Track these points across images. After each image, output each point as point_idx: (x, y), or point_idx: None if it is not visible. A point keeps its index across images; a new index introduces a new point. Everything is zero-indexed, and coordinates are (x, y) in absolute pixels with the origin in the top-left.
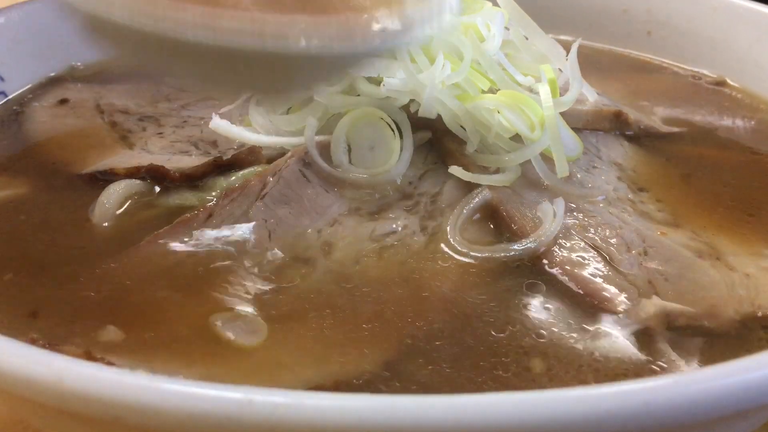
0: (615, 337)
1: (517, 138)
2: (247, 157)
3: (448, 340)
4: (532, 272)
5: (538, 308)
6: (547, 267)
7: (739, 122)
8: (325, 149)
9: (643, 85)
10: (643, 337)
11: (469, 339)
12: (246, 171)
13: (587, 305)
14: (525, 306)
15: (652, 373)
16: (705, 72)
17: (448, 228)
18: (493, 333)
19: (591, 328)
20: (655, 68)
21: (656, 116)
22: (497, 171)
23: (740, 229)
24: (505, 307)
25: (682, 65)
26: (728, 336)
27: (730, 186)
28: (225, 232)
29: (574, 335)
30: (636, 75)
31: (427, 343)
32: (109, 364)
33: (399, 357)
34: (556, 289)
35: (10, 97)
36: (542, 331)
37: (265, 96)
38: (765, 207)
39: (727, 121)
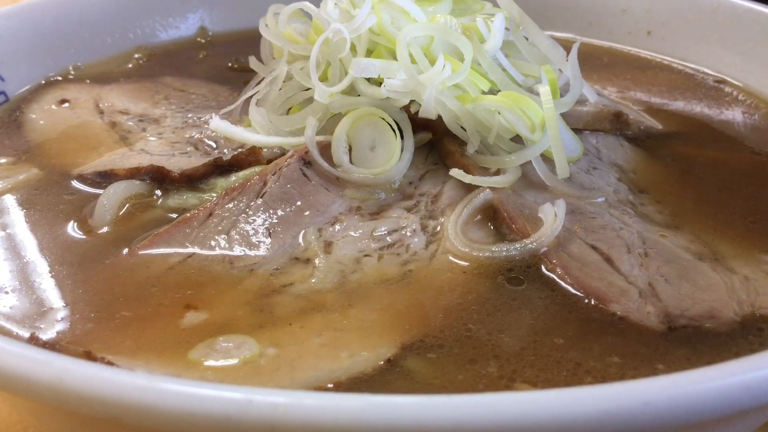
0: (615, 337)
1: (517, 139)
2: (247, 157)
3: (448, 340)
4: (533, 273)
5: (539, 308)
6: (547, 267)
7: (739, 122)
8: (325, 149)
9: (644, 83)
10: (644, 338)
11: (469, 338)
12: (246, 171)
13: (588, 305)
14: (525, 306)
15: (652, 373)
16: (705, 71)
17: (449, 228)
18: (493, 332)
19: (591, 329)
20: (655, 67)
21: (656, 116)
22: (498, 172)
23: (740, 232)
24: (505, 307)
25: (682, 64)
26: (728, 337)
27: (729, 188)
28: (225, 231)
29: (574, 335)
30: (636, 73)
31: (428, 343)
32: (109, 364)
33: (399, 357)
34: (556, 289)
35: (10, 97)
36: (542, 330)
37: None
38: (765, 210)
39: (727, 121)
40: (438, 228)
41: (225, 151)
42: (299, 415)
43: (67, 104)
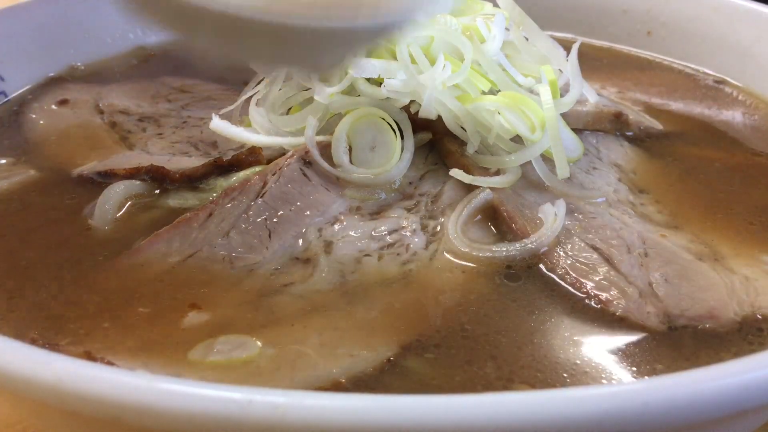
0: (615, 337)
1: (517, 139)
2: (247, 157)
3: (448, 340)
4: (533, 273)
5: (539, 308)
6: (547, 267)
7: (739, 122)
8: (325, 149)
9: (644, 83)
10: (644, 338)
11: (469, 339)
12: (246, 172)
13: (588, 306)
14: (525, 306)
15: (652, 373)
16: (705, 71)
17: (449, 227)
18: (493, 333)
19: (591, 329)
20: (656, 67)
21: (656, 116)
22: (498, 172)
23: (740, 232)
24: (505, 307)
25: (682, 64)
26: (727, 337)
27: (729, 188)
28: (225, 231)
29: (574, 336)
30: (636, 73)
31: (428, 343)
32: (109, 364)
33: (399, 357)
34: (556, 289)
35: (10, 97)
36: (542, 331)
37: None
38: (765, 211)
39: (727, 122)
40: (438, 228)
41: (225, 151)
42: (299, 415)
43: (67, 104)
